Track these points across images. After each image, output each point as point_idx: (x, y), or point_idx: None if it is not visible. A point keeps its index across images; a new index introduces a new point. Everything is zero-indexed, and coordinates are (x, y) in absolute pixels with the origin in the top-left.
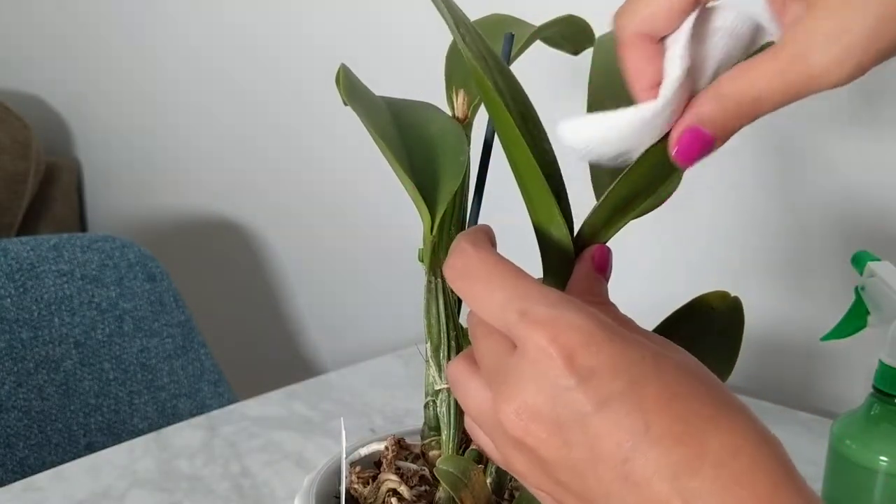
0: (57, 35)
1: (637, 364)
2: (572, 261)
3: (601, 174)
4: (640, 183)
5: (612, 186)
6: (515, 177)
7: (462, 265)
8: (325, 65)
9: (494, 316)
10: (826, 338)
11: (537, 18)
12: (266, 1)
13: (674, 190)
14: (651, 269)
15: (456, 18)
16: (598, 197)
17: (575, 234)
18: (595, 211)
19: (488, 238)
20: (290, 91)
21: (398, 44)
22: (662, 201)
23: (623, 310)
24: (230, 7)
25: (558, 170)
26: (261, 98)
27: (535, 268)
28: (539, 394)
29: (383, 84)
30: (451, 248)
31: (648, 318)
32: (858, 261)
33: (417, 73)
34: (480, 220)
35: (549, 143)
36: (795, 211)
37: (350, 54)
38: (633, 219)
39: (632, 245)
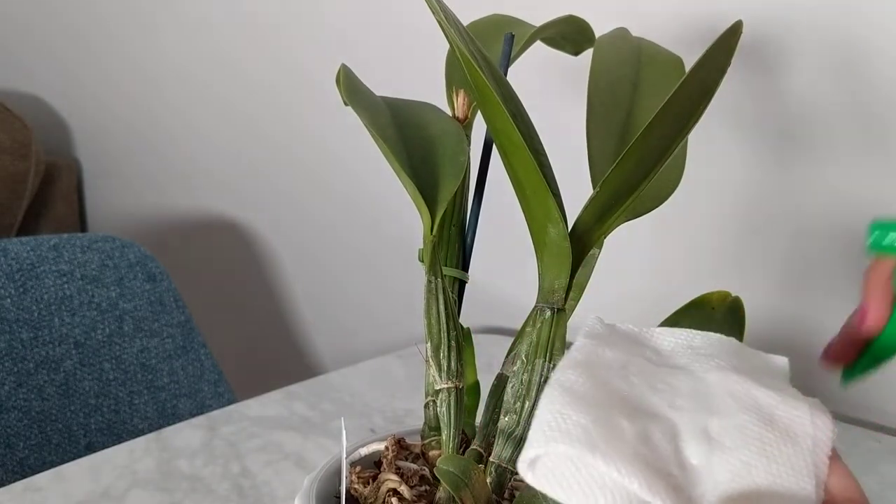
0: (57, 36)
1: None
2: (569, 258)
3: (599, 171)
4: (629, 177)
5: (600, 184)
6: (510, 175)
7: None
8: (326, 65)
9: None
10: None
11: (537, 18)
12: (267, 1)
13: (674, 190)
14: (652, 268)
15: (450, 20)
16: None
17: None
18: (586, 208)
19: None
20: (291, 91)
21: (399, 44)
22: (663, 201)
23: (625, 309)
24: (230, 9)
25: (551, 170)
26: (261, 99)
27: (532, 267)
28: None
29: (383, 84)
30: None
31: (650, 317)
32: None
33: (417, 73)
34: (480, 220)
35: (542, 144)
36: (796, 211)
37: (350, 54)
38: (633, 218)
39: (633, 245)
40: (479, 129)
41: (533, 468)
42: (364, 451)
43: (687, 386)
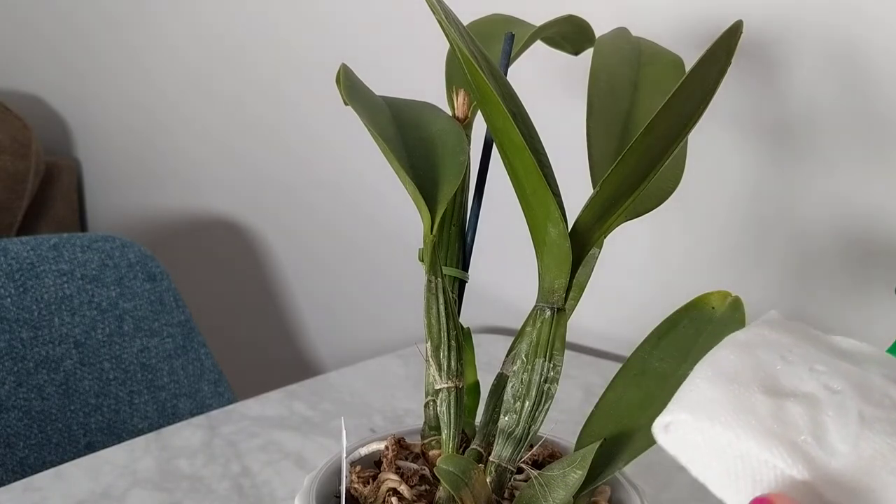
0: (57, 35)
1: None
2: (569, 258)
3: (599, 171)
4: (629, 177)
5: (600, 184)
6: (510, 175)
7: None
8: (326, 64)
9: None
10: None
11: (537, 18)
12: (269, 1)
13: (674, 190)
14: (652, 268)
15: (450, 20)
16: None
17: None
18: (586, 208)
19: None
20: (291, 90)
21: (398, 43)
22: (663, 201)
23: (625, 309)
24: (230, 7)
25: (551, 170)
26: (261, 98)
27: (532, 266)
28: None
29: (384, 84)
30: None
31: (650, 317)
32: None
33: (417, 72)
34: (480, 220)
35: (542, 144)
36: (796, 211)
37: (350, 54)
38: (633, 217)
39: (633, 244)
40: (479, 128)
41: (665, 432)
42: (364, 450)
43: (848, 372)
